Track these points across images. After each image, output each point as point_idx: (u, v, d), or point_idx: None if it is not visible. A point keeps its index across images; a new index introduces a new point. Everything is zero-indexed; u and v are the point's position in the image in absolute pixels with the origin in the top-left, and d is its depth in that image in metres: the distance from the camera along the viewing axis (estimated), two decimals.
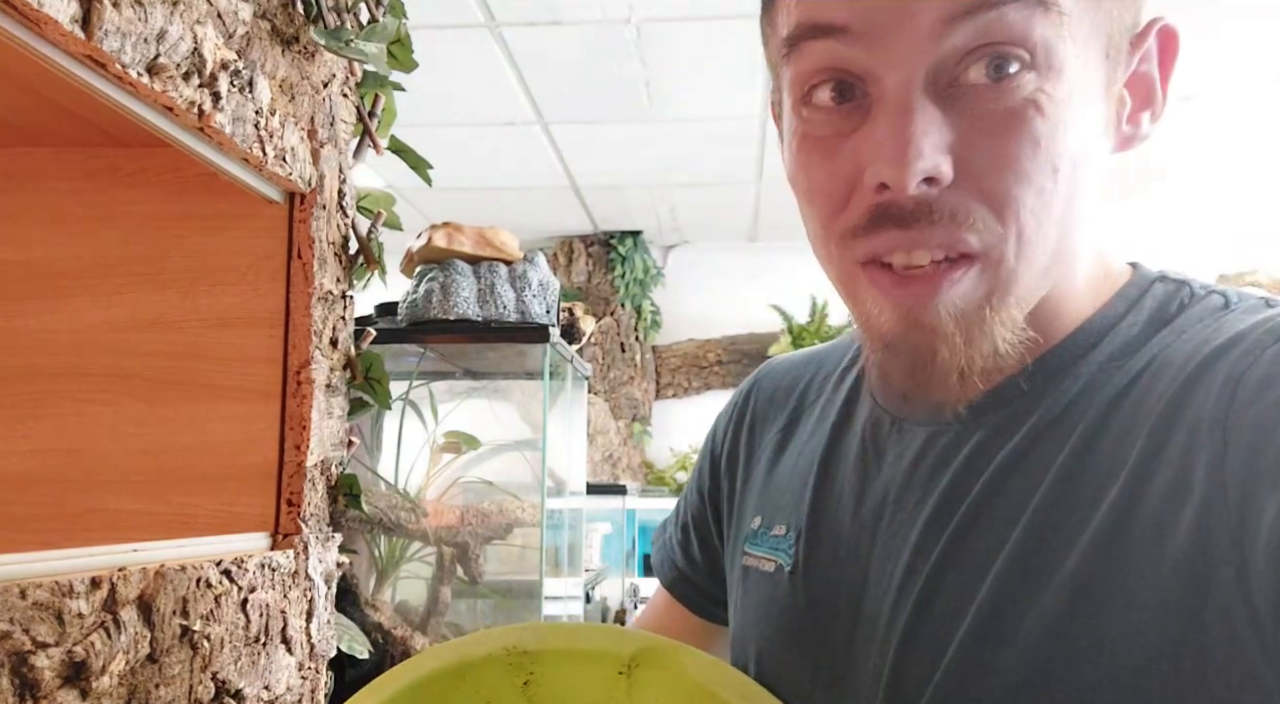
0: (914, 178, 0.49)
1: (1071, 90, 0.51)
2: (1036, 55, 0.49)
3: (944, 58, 0.50)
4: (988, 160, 0.50)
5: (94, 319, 0.94)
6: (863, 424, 0.68)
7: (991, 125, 0.50)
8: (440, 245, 1.63)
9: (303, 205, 0.96)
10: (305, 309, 0.94)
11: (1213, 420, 0.49)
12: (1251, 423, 0.47)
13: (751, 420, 0.81)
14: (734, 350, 5.04)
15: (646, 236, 5.05)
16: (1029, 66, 0.50)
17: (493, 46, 2.98)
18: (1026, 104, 0.50)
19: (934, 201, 0.50)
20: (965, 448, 0.59)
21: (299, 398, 0.94)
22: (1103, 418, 0.54)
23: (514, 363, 1.88)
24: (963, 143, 0.50)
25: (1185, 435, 0.50)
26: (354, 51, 0.96)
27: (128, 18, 0.63)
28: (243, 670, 0.82)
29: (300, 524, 0.93)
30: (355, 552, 1.51)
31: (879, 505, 0.64)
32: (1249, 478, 0.46)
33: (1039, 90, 0.50)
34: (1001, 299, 0.53)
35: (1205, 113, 3.44)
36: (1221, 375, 0.50)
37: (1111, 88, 0.54)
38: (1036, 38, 0.49)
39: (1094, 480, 0.53)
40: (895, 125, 0.50)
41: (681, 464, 4.85)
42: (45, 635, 0.58)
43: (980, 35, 0.49)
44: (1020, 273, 0.52)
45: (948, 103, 0.50)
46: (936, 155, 0.49)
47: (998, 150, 0.50)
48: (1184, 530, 0.48)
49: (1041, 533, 0.53)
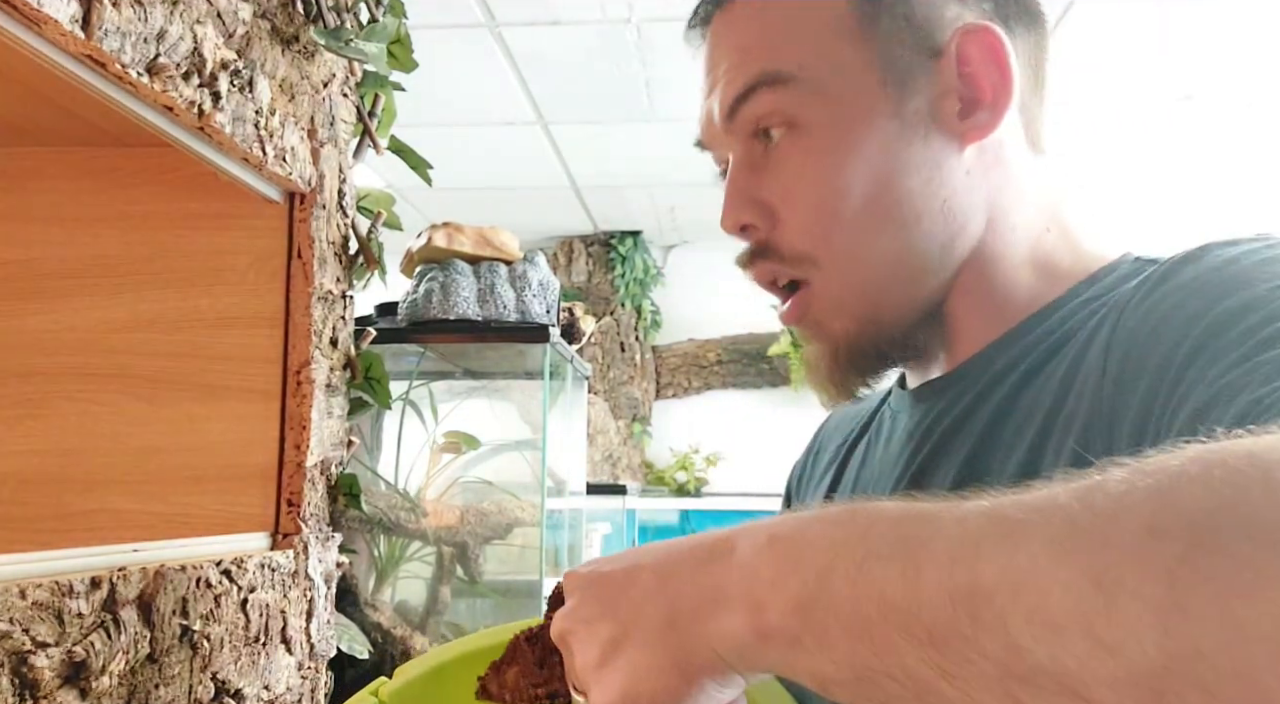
0: (730, 228, 0.66)
1: (840, 129, 0.61)
2: (791, 119, 0.62)
3: (743, 140, 0.65)
4: (789, 208, 0.63)
5: (94, 319, 0.94)
6: (873, 426, 0.76)
7: (782, 182, 0.63)
8: (440, 245, 1.62)
9: (303, 205, 0.96)
10: (305, 309, 0.94)
11: (1100, 350, 0.54)
12: (1123, 339, 0.53)
13: (818, 449, 0.87)
14: (734, 350, 5.03)
15: (646, 236, 5.05)
16: (790, 126, 0.62)
17: (493, 46, 2.98)
18: (798, 161, 0.62)
19: (767, 241, 0.65)
20: (925, 423, 0.66)
21: (299, 398, 0.94)
22: (1029, 374, 0.60)
23: (514, 363, 1.88)
24: (770, 197, 0.64)
25: (1084, 373, 0.55)
26: (354, 51, 0.96)
27: (127, 17, 0.63)
28: (243, 670, 0.82)
29: (300, 524, 0.93)
30: (355, 552, 1.51)
31: (867, 483, 0.71)
32: (1117, 389, 0.51)
33: (803, 145, 0.62)
34: (847, 311, 0.64)
35: (1205, 113, 3.44)
36: (1116, 313, 0.55)
37: (906, 104, 0.62)
38: (784, 107, 0.62)
39: (1011, 431, 0.58)
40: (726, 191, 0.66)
41: (681, 464, 4.85)
42: (45, 635, 0.58)
43: (748, 123, 0.64)
44: (849, 288, 0.63)
45: (760, 168, 0.65)
46: (740, 210, 0.64)
47: (789, 203, 0.63)
48: (1067, 455, 0.52)
49: (967, 481, 0.58)
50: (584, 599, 0.44)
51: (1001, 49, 0.61)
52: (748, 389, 5.03)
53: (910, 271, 0.63)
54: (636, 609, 0.41)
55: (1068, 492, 0.33)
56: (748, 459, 4.75)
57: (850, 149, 0.61)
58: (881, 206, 0.61)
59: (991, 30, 0.61)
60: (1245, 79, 3.18)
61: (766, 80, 0.62)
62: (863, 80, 0.62)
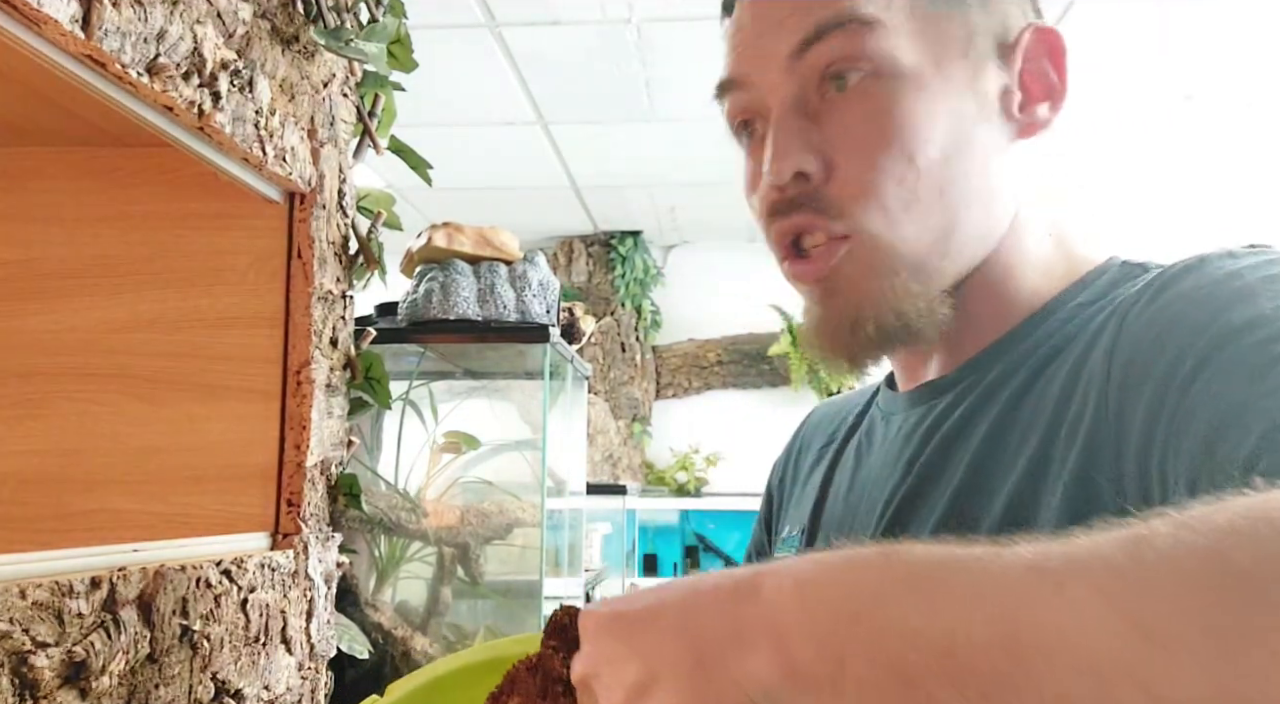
0: (786, 172, 0.60)
1: (921, 86, 0.59)
2: (876, 63, 0.59)
3: (803, 84, 0.60)
4: (849, 156, 0.60)
5: (94, 319, 0.94)
6: (864, 426, 0.76)
7: (850, 127, 0.60)
8: (440, 245, 1.63)
9: (303, 205, 0.96)
10: (305, 309, 0.94)
11: (1103, 355, 0.54)
12: (1126, 345, 0.53)
13: (800, 447, 0.86)
14: (734, 350, 5.03)
15: (646, 236, 5.05)
16: (873, 74, 0.59)
17: (493, 46, 2.98)
18: (876, 105, 0.59)
19: (811, 194, 0.60)
20: (925, 423, 0.65)
21: (299, 398, 0.94)
22: (1032, 377, 0.60)
23: (514, 363, 1.88)
24: (829, 145, 0.60)
25: (1085, 378, 0.55)
26: (354, 51, 0.96)
27: (127, 17, 0.63)
28: (243, 670, 0.82)
29: (300, 524, 0.93)
30: (355, 552, 1.50)
31: (863, 487, 0.70)
32: (1122, 394, 0.51)
33: (885, 90, 0.59)
34: (886, 270, 0.60)
35: (1205, 113, 3.44)
36: (1117, 318, 0.56)
37: (978, 82, 0.61)
38: (869, 50, 0.59)
39: (1018, 435, 0.58)
40: (774, 138, 0.61)
41: (681, 464, 4.85)
42: (45, 635, 0.58)
43: (822, 59, 0.59)
44: (895, 246, 0.60)
45: (818, 116, 0.61)
46: (801, 154, 0.59)
47: (856, 147, 0.59)
48: (1074, 460, 0.52)
49: (972, 489, 0.58)
50: (606, 640, 0.43)
51: (1064, 51, 0.62)
52: (748, 389, 5.03)
53: (944, 250, 0.62)
54: (662, 650, 0.40)
55: (1113, 543, 0.33)
56: (748, 459, 4.75)
57: (928, 110, 0.59)
58: (941, 177, 0.60)
59: (1057, 32, 0.62)
60: (1245, 79, 3.18)
61: (855, 19, 0.58)
62: (948, 47, 0.60)
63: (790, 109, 0.61)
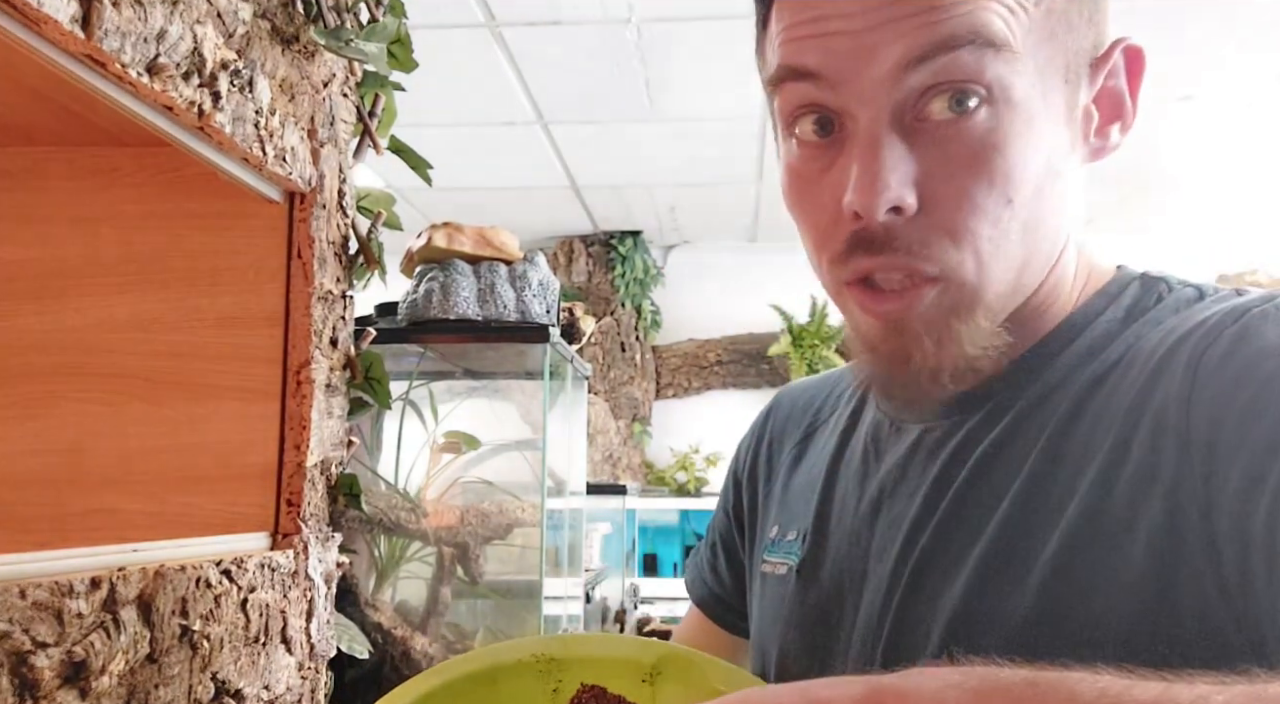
0: (881, 208, 0.54)
1: (1030, 119, 0.55)
2: (993, 91, 0.54)
3: (906, 96, 0.54)
4: (948, 195, 0.55)
5: (94, 319, 0.94)
6: (866, 429, 0.73)
7: (953, 161, 0.55)
8: (440, 245, 1.63)
9: (303, 205, 0.96)
10: (305, 309, 0.94)
11: (1178, 402, 0.52)
12: (1211, 399, 0.50)
13: (770, 438, 0.84)
14: (734, 350, 5.03)
15: (646, 236, 5.05)
16: (986, 101, 0.54)
17: (493, 46, 2.98)
18: (985, 140, 0.54)
19: (900, 230, 0.55)
20: (953, 441, 0.62)
21: (299, 398, 0.94)
22: (1078, 406, 0.57)
23: (514, 363, 1.88)
24: (927, 176, 0.55)
25: (1153, 420, 0.53)
26: (354, 51, 0.96)
27: (127, 17, 0.63)
28: (242, 670, 0.82)
29: (300, 524, 0.93)
30: (355, 552, 1.50)
31: (876, 500, 0.67)
32: (1212, 454, 0.49)
33: (996, 125, 0.54)
34: (967, 313, 0.57)
35: (1205, 113, 3.44)
36: (1184, 358, 0.53)
37: (1073, 109, 0.58)
38: (990, 75, 0.53)
39: (1070, 467, 0.55)
40: (865, 159, 0.55)
41: (681, 464, 4.85)
42: (45, 635, 0.58)
43: (937, 76, 0.53)
44: (982, 291, 0.57)
45: (914, 136, 0.55)
46: (902, 188, 0.54)
47: (957, 186, 0.55)
48: (1155, 510, 0.51)
49: (1020, 520, 0.56)
50: None
51: (1143, 71, 0.60)
52: (748, 389, 5.03)
53: (1018, 285, 0.59)
54: None
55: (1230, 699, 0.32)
56: None
57: (1033, 146, 0.55)
58: (1031, 216, 0.56)
59: (1142, 50, 0.59)
60: (1245, 79, 3.18)
61: (983, 39, 0.53)
62: (1054, 73, 0.56)
63: (891, 128, 0.55)
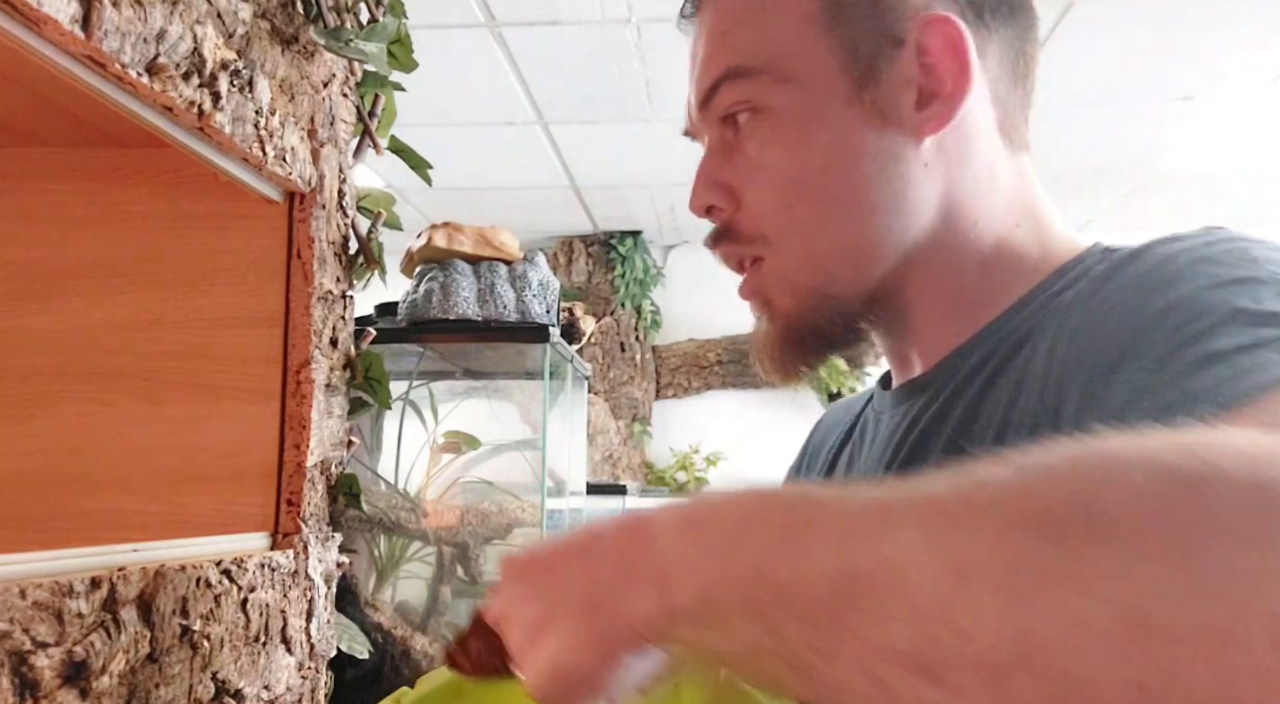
0: (694, 206, 0.70)
1: (802, 116, 0.63)
2: (755, 105, 0.64)
3: (714, 129, 0.68)
4: (751, 193, 0.67)
5: (94, 319, 0.94)
6: (859, 427, 0.77)
7: (748, 165, 0.66)
8: (440, 245, 1.63)
9: (302, 205, 0.96)
10: (305, 309, 0.94)
11: (1048, 346, 0.55)
12: (1066, 337, 0.54)
13: (811, 450, 0.87)
14: (734, 350, 5.03)
15: (646, 236, 5.05)
16: (751, 113, 0.65)
17: (493, 46, 2.98)
18: (759, 143, 0.65)
19: (730, 223, 0.68)
20: (904, 423, 0.66)
21: (299, 398, 0.94)
22: (994, 375, 0.60)
23: (514, 363, 1.88)
24: (739, 180, 0.67)
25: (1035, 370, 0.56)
26: (354, 51, 0.96)
27: (127, 17, 0.63)
28: (243, 670, 0.82)
29: (300, 524, 0.93)
30: (355, 552, 1.51)
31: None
32: (1060, 389, 0.52)
33: (763, 127, 0.65)
34: (800, 284, 0.66)
35: (1205, 113, 3.44)
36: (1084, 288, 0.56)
37: (871, 90, 0.63)
38: (747, 96, 0.64)
39: (978, 434, 0.59)
40: (697, 171, 0.69)
41: (681, 464, 4.85)
42: (45, 635, 0.58)
43: (716, 110, 0.67)
44: (805, 262, 0.66)
45: (731, 150, 0.67)
46: (707, 192, 0.68)
47: (749, 181, 0.66)
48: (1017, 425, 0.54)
49: None
50: (515, 583, 0.45)
51: (961, 41, 0.61)
52: (748, 389, 5.03)
53: (857, 258, 0.65)
54: (559, 591, 0.42)
55: (949, 484, 0.34)
56: (748, 459, 4.75)
57: (808, 135, 0.63)
58: (835, 193, 0.63)
59: (951, 21, 0.61)
60: (1245, 79, 3.18)
61: (732, 73, 0.65)
62: (825, 67, 0.63)
63: (709, 150, 0.69)
